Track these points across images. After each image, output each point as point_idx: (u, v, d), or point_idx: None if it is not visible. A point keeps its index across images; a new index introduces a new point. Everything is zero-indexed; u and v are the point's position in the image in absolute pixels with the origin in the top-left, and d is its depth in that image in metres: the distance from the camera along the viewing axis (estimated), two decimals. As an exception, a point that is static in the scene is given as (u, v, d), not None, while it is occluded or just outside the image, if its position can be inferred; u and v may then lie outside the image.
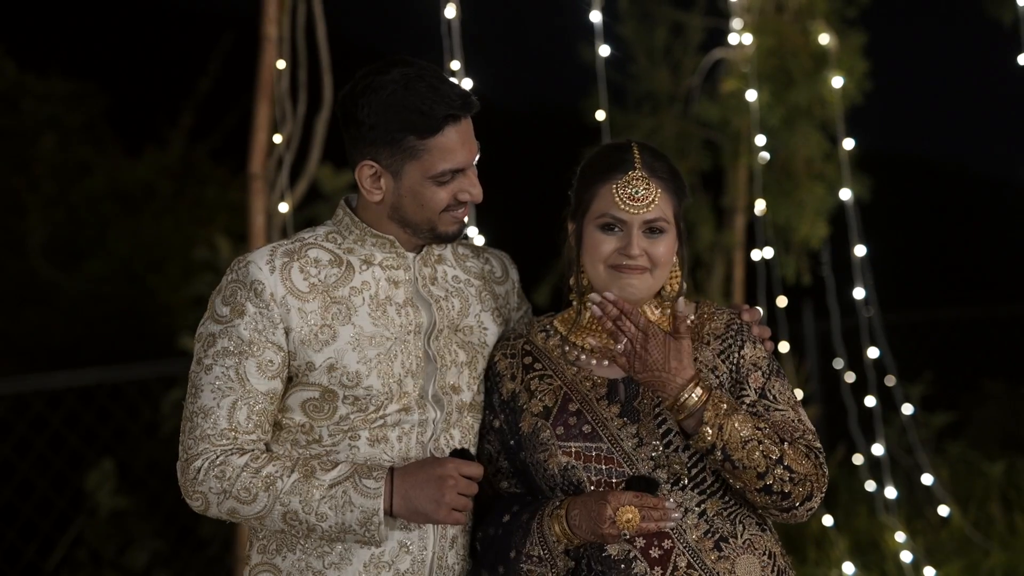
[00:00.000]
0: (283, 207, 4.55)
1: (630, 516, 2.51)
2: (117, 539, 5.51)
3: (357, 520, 2.50)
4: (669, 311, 2.69)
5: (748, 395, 2.64)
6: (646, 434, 2.59)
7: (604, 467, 2.59)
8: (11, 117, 8.35)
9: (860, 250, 5.55)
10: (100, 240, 8.26)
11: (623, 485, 2.57)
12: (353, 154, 2.62)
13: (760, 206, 5.59)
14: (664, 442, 2.58)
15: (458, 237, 2.66)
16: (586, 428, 2.61)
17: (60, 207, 8.30)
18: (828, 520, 5.60)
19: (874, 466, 5.87)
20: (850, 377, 5.74)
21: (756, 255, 5.60)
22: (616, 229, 2.62)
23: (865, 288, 5.60)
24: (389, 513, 2.52)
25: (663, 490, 2.58)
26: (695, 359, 2.62)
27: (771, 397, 2.65)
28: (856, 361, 5.77)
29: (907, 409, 5.89)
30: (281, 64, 4.54)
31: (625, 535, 2.53)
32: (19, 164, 8.33)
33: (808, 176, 5.85)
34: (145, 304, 7.82)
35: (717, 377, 2.63)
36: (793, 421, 2.63)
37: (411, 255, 2.66)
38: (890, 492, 5.60)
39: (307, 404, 2.58)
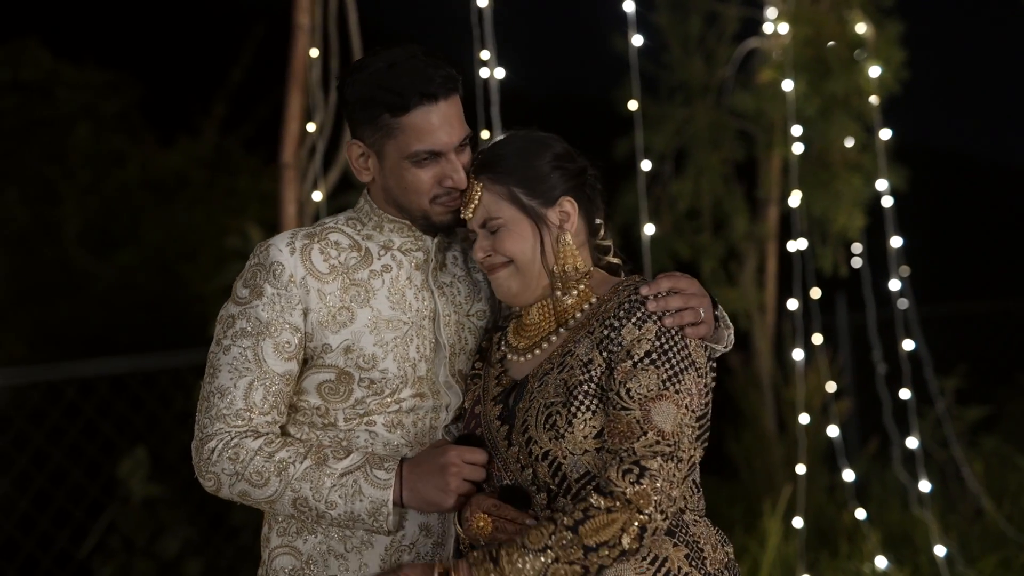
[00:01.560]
0: (316, 196, 4.55)
1: (482, 524, 2.47)
2: (149, 527, 5.53)
3: (366, 510, 2.50)
4: (582, 295, 2.54)
5: (612, 388, 2.40)
6: (515, 437, 2.48)
7: (490, 471, 2.54)
8: (46, 106, 8.40)
9: (896, 242, 5.50)
10: (133, 229, 8.31)
11: (497, 492, 2.50)
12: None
13: (796, 197, 5.55)
14: (527, 451, 2.46)
15: (453, 227, 2.64)
16: (479, 431, 2.56)
17: (94, 196, 8.34)
18: (861, 513, 5.56)
19: (908, 459, 5.83)
20: (884, 369, 5.68)
21: (791, 246, 5.55)
22: (472, 235, 2.59)
23: (900, 280, 5.55)
24: (400, 504, 2.52)
25: (539, 503, 2.45)
26: (571, 354, 2.46)
27: (622, 393, 2.37)
28: (890, 353, 5.73)
29: (941, 402, 5.84)
30: (313, 53, 4.54)
31: (479, 540, 2.47)
32: (54, 153, 8.38)
33: (845, 167, 5.81)
34: (177, 293, 7.85)
35: (589, 372, 2.42)
36: (637, 423, 2.35)
37: (429, 238, 2.66)
38: (924, 486, 5.55)
39: (323, 386, 2.58)
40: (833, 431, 5.64)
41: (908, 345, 5.57)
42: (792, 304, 5.55)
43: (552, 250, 2.53)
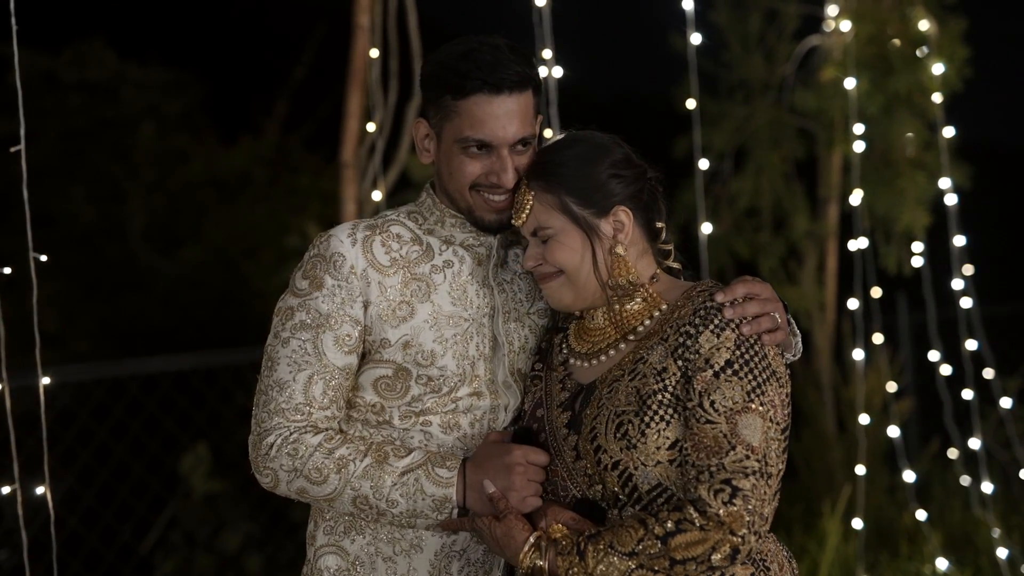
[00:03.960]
0: (376, 195, 4.58)
1: (558, 537, 2.38)
2: (210, 522, 5.59)
3: (430, 507, 2.46)
4: (649, 300, 2.48)
5: (691, 399, 2.32)
6: (582, 446, 2.41)
7: (552, 479, 2.47)
8: (112, 106, 8.52)
9: (959, 240, 5.44)
10: (196, 227, 8.40)
11: (571, 504, 2.45)
12: None
13: (858, 195, 5.51)
14: (595, 459, 2.39)
15: (498, 229, 2.57)
16: (542, 437, 2.51)
17: (158, 194, 8.45)
18: (921, 514, 5.52)
19: (969, 460, 5.77)
20: (946, 370, 5.62)
21: (853, 245, 5.51)
22: (525, 242, 2.55)
23: (963, 279, 5.49)
24: (463, 505, 2.47)
25: (612, 518, 2.40)
26: (643, 361, 2.39)
27: (706, 406, 2.30)
28: (951, 353, 5.67)
29: (1004, 403, 5.78)
30: (373, 53, 4.57)
31: None
32: (119, 152, 8.50)
33: (908, 165, 5.77)
34: (239, 290, 7.93)
35: (663, 380, 2.35)
36: (724, 436, 2.29)
37: (491, 235, 2.61)
38: (986, 487, 5.49)
39: (379, 382, 2.54)
40: (894, 431, 5.60)
41: (971, 345, 5.52)
42: (853, 303, 5.51)
43: (605, 262, 2.45)
